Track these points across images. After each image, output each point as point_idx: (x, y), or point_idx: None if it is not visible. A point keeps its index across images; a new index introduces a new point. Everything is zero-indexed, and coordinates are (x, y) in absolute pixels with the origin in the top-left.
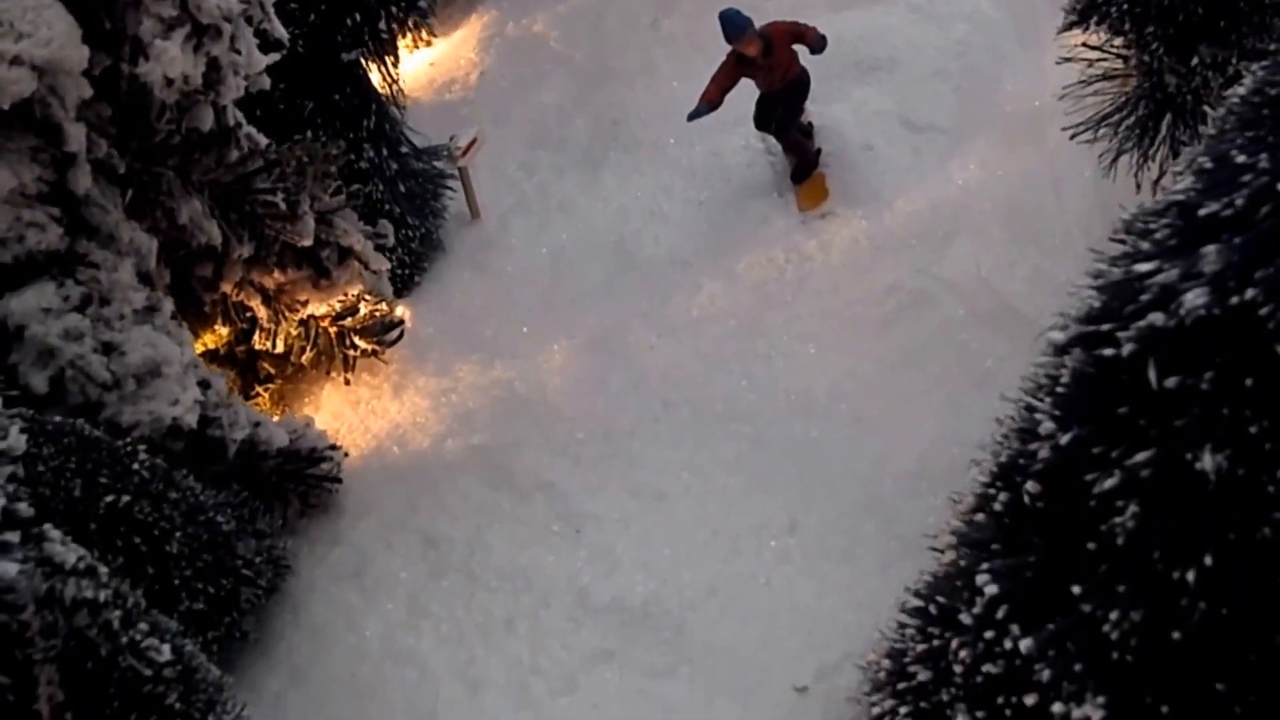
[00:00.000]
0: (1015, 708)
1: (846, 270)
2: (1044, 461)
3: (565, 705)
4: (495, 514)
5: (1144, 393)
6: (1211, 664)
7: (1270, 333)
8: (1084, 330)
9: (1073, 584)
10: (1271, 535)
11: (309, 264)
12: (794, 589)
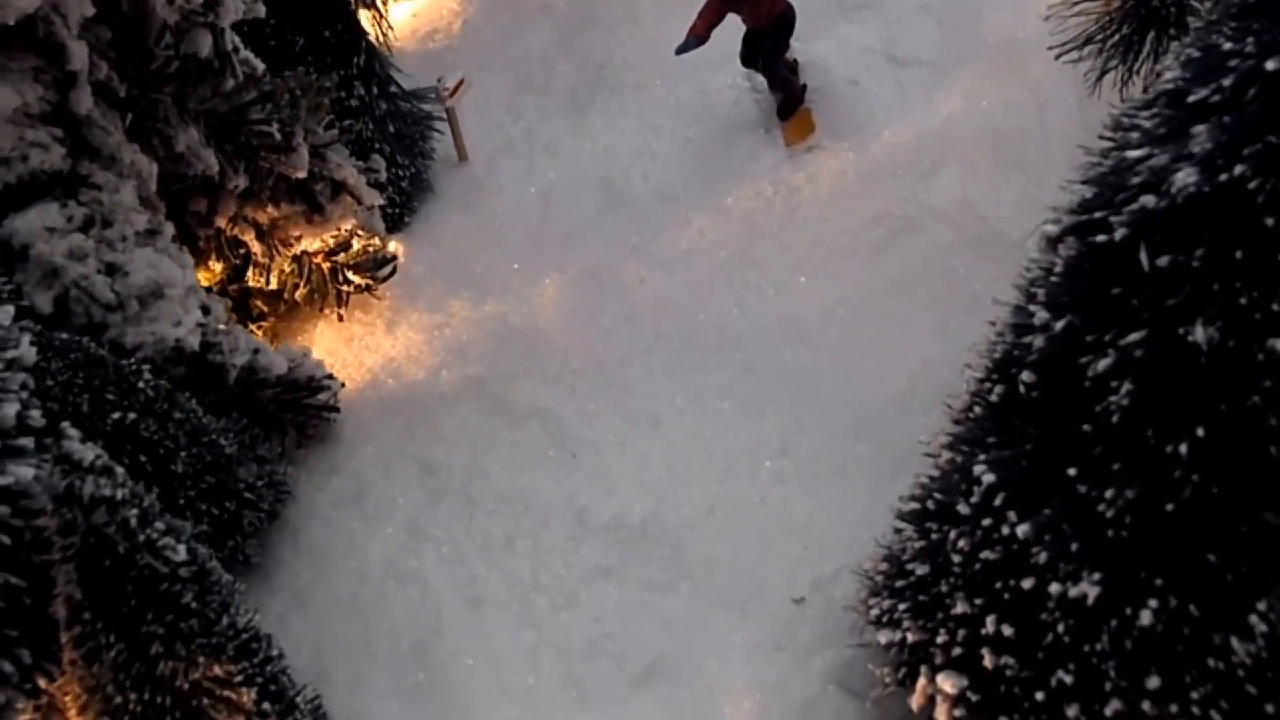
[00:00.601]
0: (1013, 591)
1: (834, 201)
2: (1039, 351)
3: (566, 620)
4: (492, 441)
5: (1136, 275)
6: (1204, 536)
7: (1259, 206)
8: (1076, 220)
9: (1069, 467)
10: (1261, 403)
11: (302, 199)
12: (789, 507)
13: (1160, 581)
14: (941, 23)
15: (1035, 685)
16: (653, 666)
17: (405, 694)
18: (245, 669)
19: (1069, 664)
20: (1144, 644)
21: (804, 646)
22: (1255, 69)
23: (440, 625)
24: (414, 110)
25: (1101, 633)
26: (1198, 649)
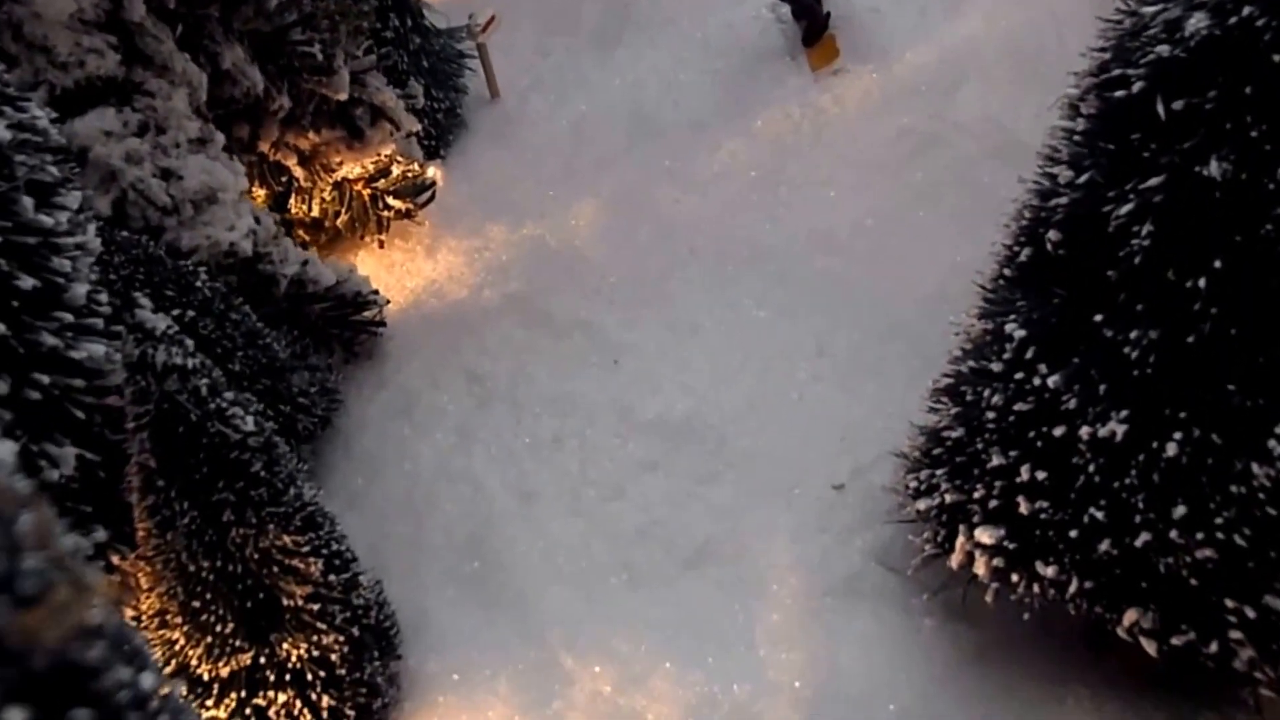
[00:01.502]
0: (1045, 438)
1: (860, 120)
2: (1063, 209)
3: (615, 509)
4: (535, 351)
5: (1154, 123)
6: (1223, 368)
7: (1268, 44)
8: (1095, 80)
9: (1095, 315)
10: (1274, 232)
11: (342, 124)
12: (826, 402)
13: (1184, 415)
14: None
15: (1069, 525)
16: (701, 550)
17: (461, 580)
18: (311, 540)
19: (1100, 501)
20: (1170, 475)
21: (845, 528)
22: None
23: (492, 518)
24: (446, 47)
25: (1130, 469)
26: (1220, 476)
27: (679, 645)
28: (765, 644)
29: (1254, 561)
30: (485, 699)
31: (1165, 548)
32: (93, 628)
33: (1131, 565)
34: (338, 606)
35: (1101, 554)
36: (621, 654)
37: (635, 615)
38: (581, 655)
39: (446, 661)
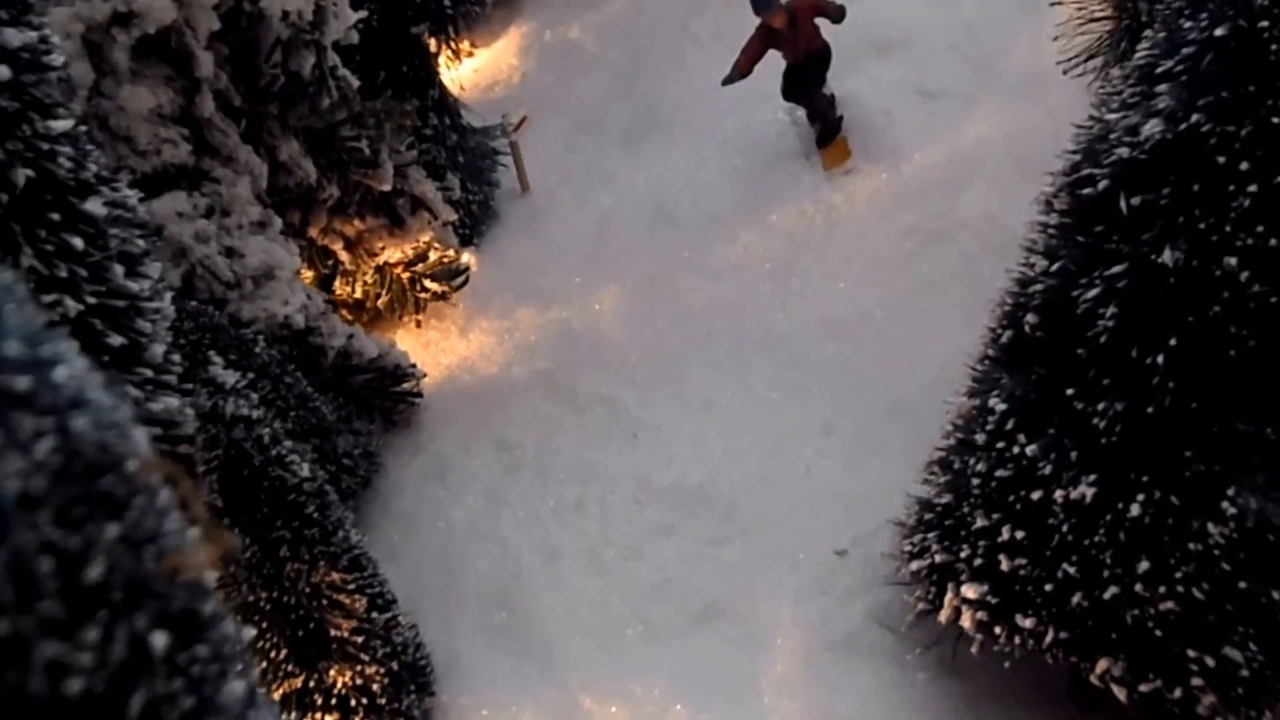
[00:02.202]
0: (1023, 501)
1: (870, 217)
2: (1039, 295)
3: (632, 568)
4: (560, 424)
5: (1116, 217)
6: (1181, 436)
7: (1212, 147)
8: (1068, 179)
9: (1067, 389)
10: (1221, 313)
11: (385, 213)
12: (831, 476)
13: (1146, 478)
14: (967, 59)
15: (1044, 580)
16: (710, 607)
17: (490, 630)
18: (357, 579)
19: (1072, 558)
20: (1134, 533)
21: (846, 590)
22: (1209, 38)
23: (519, 574)
24: (481, 144)
25: (1098, 528)
26: (1179, 535)
27: (689, 691)
28: (769, 693)
29: (1212, 614)
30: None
31: (1131, 600)
32: (209, 585)
33: (1101, 617)
34: (379, 641)
35: (1074, 606)
36: (636, 696)
37: (649, 664)
38: (600, 697)
39: (477, 699)
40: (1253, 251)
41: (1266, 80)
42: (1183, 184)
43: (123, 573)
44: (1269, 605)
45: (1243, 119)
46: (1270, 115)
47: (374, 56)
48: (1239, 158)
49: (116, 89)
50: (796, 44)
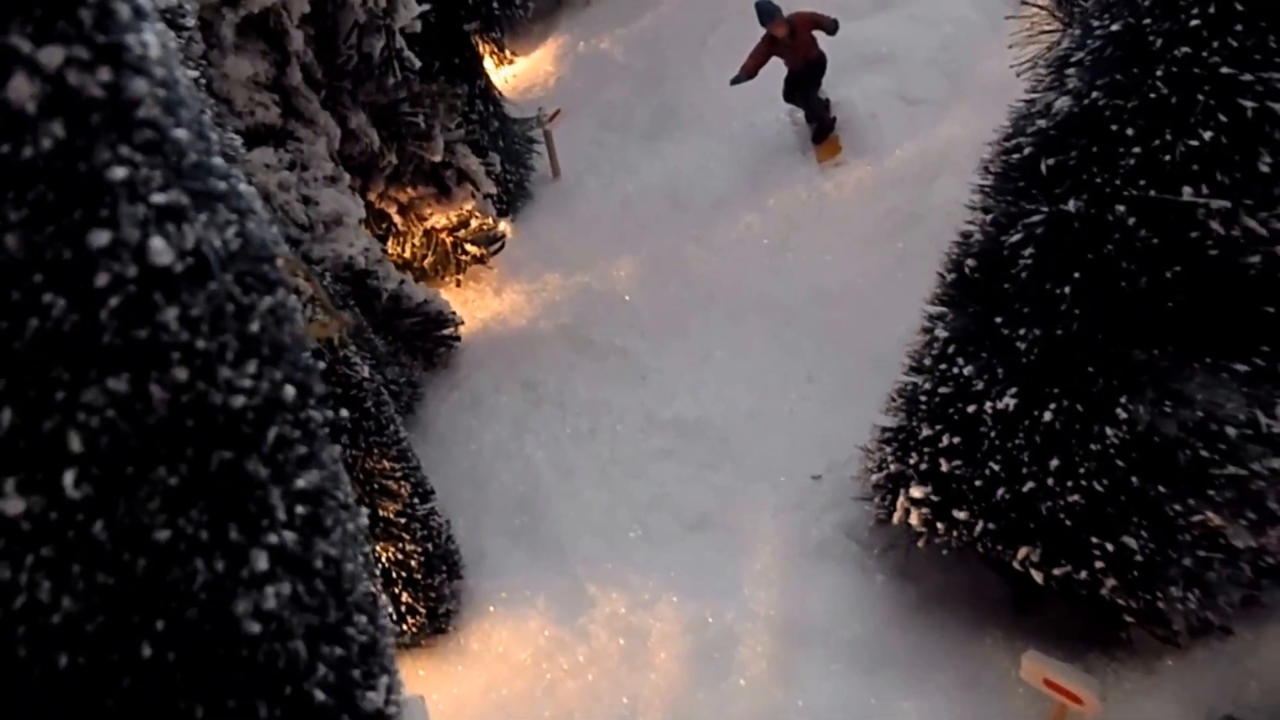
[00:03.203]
0: (960, 413)
1: (855, 202)
2: (978, 243)
3: (636, 485)
4: (579, 368)
5: (1037, 176)
6: (1085, 355)
7: (1107, 118)
8: (1001, 147)
9: (996, 318)
10: (1114, 253)
11: (434, 183)
12: (812, 416)
13: (1057, 390)
14: (944, 70)
15: (975, 479)
16: (701, 518)
17: (511, 532)
18: (403, 468)
19: (997, 458)
20: (1047, 436)
21: (818, 507)
22: (1109, 33)
23: (538, 486)
24: (519, 133)
25: (1018, 432)
26: (1084, 437)
27: (680, 584)
28: (749, 586)
29: (1111, 506)
30: (526, 612)
31: (1045, 494)
32: (319, 369)
33: (1021, 509)
34: (418, 525)
35: (999, 500)
36: (634, 586)
37: (647, 561)
38: (603, 586)
39: (498, 584)
40: (1137, 201)
41: (1148, 65)
42: (1085, 147)
43: (270, 333)
44: (1157, 499)
45: (1130, 95)
46: (1149, 92)
47: (430, 47)
48: (1126, 126)
49: (221, 59)
50: (796, 52)
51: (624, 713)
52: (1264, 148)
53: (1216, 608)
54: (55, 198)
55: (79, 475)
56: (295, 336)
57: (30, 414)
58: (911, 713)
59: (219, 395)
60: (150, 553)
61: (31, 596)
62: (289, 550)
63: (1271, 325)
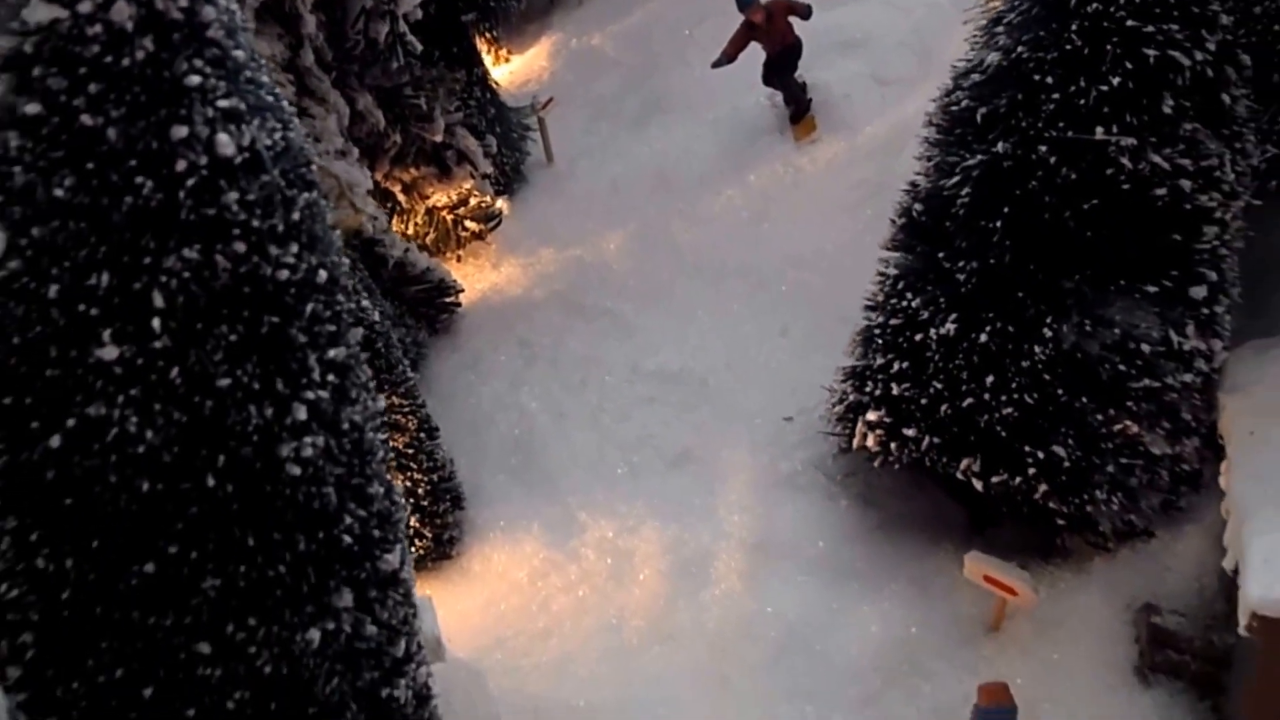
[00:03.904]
0: (908, 341)
1: (828, 175)
2: (924, 189)
3: (623, 427)
4: (571, 329)
5: (973, 124)
6: (1014, 283)
7: (1030, 69)
8: (943, 101)
9: (939, 253)
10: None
11: (435, 163)
12: (784, 366)
13: (991, 315)
14: (915, 52)
15: (921, 398)
16: (682, 454)
17: (508, 470)
18: (411, 404)
19: (940, 378)
20: (984, 357)
21: (789, 444)
22: None
23: (533, 430)
24: (514, 120)
25: (958, 354)
26: (1015, 356)
27: (662, 511)
28: (723, 511)
29: (1041, 418)
30: (523, 537)
31: (983, 408)
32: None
33: (962, 423)
34: (424, 458)
35: (943, 415)
36: (620, 513)
37: (632, 492)
38: (592, 514)
39: (496, 513)
40: (1057, 142)
41: (1065, 20)
42: (1012, 96)
43: (307, 224)
44: (1082, 411)
45: (1050, 48)
46: (1066, 44)
47: (430, 36)
48: (1047, 75)
49: None
50: (773, 37)
51: (611, 622)
52: (1167, 91)
53: (1139, 511)
54: (146, 99)
55: (161, 327)
56: (327, 231)
57: (123, 276)
58: (869, 616)
59: (269, 268)
60: (215, 397)
61: (122, 430)
62: (322, 408)
63: (1179, 252)
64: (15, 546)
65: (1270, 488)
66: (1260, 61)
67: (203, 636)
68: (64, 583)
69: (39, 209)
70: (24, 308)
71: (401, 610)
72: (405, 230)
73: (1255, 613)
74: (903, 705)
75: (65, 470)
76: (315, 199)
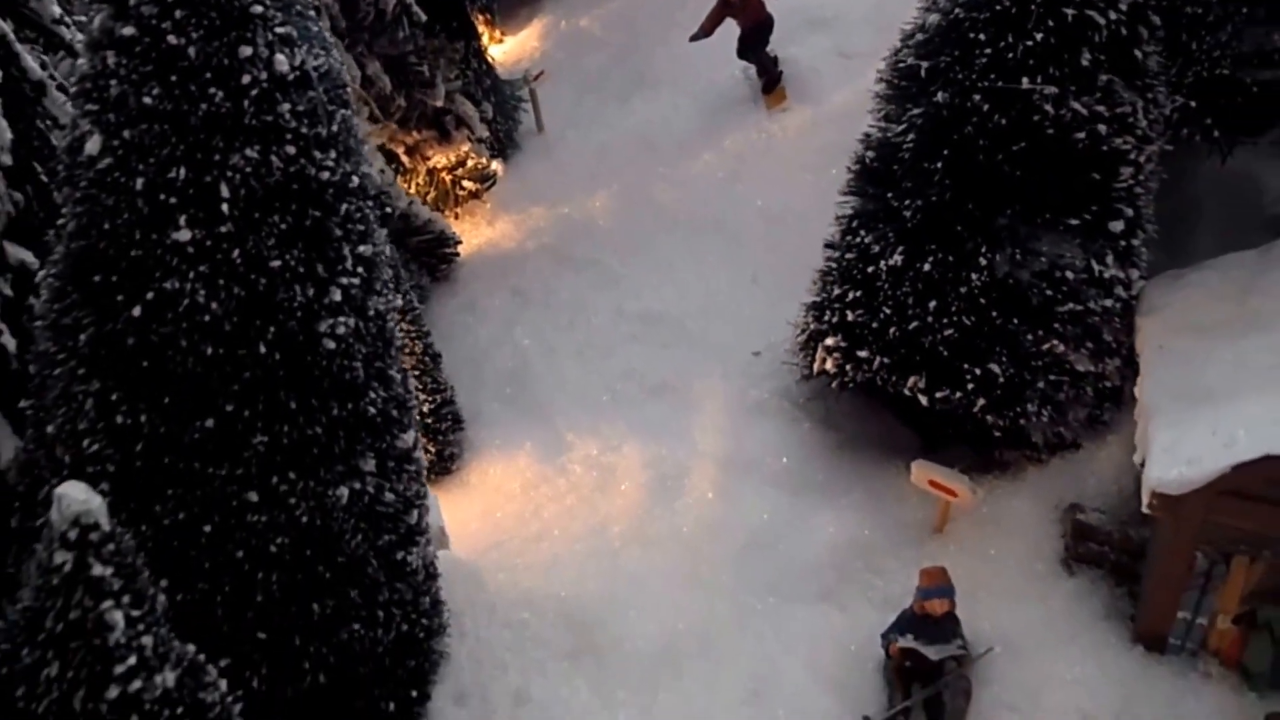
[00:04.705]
0: (861, 273)
1: (797, 140)
2: (875, 140)
3: (607, 361)
4: (560, 277)
5: (917, 78)
6: (955, 217)
7: (966, 27)
8: (891, 61)
9: (888, 194)
10: (972, 133)
11: (436, 127)
12: (755, 309)
13: (934, 247)
14: (877, 28)
15: (872, 322)
16: (661, 385)
17: (503, 398)
18: (416, 330)
19: (890, 304)
20: (927, 283)
21: (758, 375)
22: None
23: (526, 364)
24: (509, 93)
25: (904, 282)
26: (954, 283)
27: (642, 433)
28: (698, 433)
29: (978, 338)
30: (516, 454)
31: (927, 330)
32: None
33: (909, 344)
34: (430, 379)
35: (891, 337)
36: (604, 434)
37: (615, 416)
38: (578, 434)
39: (492, 434)
40: (989, 91)
41: None
42: (950, 52)
43: (343, 135)
44: (1014, 333)
45: (983, 8)
46: (996, 5)
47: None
48: (980, 32)
49: None
50: (746, 14)
51: (596, 527)
52: (1085, 46)
53: (1066, 424)
54: (220, 22)
55: (227, 214)
56: (358, 144)
57: (197, 170)
58: (827, 521)
59: (313, 169)
60: (268, 275)
61: (192, 301)
62: (353, 293)
63: (1098, 190)
64: (98, 407)
65: (1173, 391)
66: (1169, 21)
67: (252, 486)
68: (138, 437)
69: (129, 115)
70: (114, 198)
71: (415, 486)
72: (408, 189)
73: (1155, 491)
74: (856, 597)
75: (143, 337)
76: (349, 116)
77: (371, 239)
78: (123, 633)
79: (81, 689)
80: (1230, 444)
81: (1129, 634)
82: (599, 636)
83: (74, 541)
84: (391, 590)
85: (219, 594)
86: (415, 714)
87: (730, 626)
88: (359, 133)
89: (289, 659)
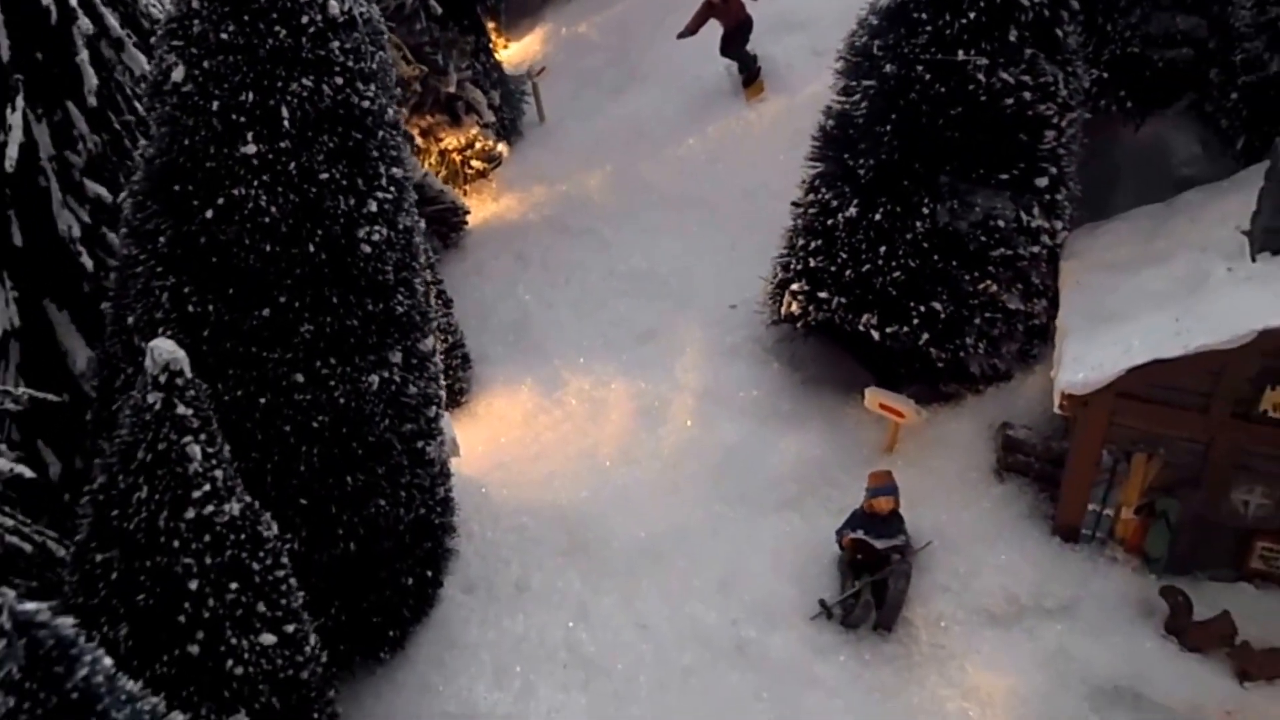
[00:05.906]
0: (821, 224)
1: (773, 126)
2: (835, 111)
3: (600, 312)
4: (558, 244)
5: (870, 56)
6: (902, 173)
7: (912, 7)
8: (847, 42)
9: (844, 154)
10: (916, 99)
11: (447, 112)
12: (733, 270)
13: (884, 199)
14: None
15: (830, 266)
16: (647, 332)
17: (505, 343)
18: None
19: (845, 250)
20: (878, 231)
21: (734, 324)
22: None
23: (527, 315)
24: (513, 86)
25: (859, 230)
26: (902, 231)
27: (630, 371)
28: (679, 371)
29: (922, 280)
30: (518, 388)
31: (878, 272)
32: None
33: (863, 286)
34: (442, 320)
35: (847, 280)
36: (596, 372)
37: (606, 358)
38: (573, 372)
39: (496, 372)
40: (930, 63)
41: None
42: (896, 29)
43: (382, 72)
44: (954, 275)
45: None
46: None
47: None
48: (923, 11)
49: None
50: (729, 14)
51: (588, 449)
52: (1012, 25)
53: (1000, 356)
54: None
55: (285, 132)
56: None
57: (263, 95)
58: (791, 444)
59: (356, 99)
60: (317, 186)
61: (255, 205)
62: (386, 207)
63: (1025, 150)
64: (172, 299)
65: (1084, 314)
66: (1087, 5)
67: (299, 369)
68: (205, 324)
69: (209, 48)
70: (193, 118)
71: (433, 385)
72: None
73: (1064, 392)
74: (816, 507)
75: (213, 237)
76: (386, 57)
77: (402, 163)
78: (200, 464)
79: (165, 510)
80: (1127, 351)
81: (1049, 529)
82: (590, 536)
83: (163, 384)
84: (412, 474)
85: (269, 463)
86: (429, 595)
87: (704, 530)
88: (393, 74)
89: (325, 525)
